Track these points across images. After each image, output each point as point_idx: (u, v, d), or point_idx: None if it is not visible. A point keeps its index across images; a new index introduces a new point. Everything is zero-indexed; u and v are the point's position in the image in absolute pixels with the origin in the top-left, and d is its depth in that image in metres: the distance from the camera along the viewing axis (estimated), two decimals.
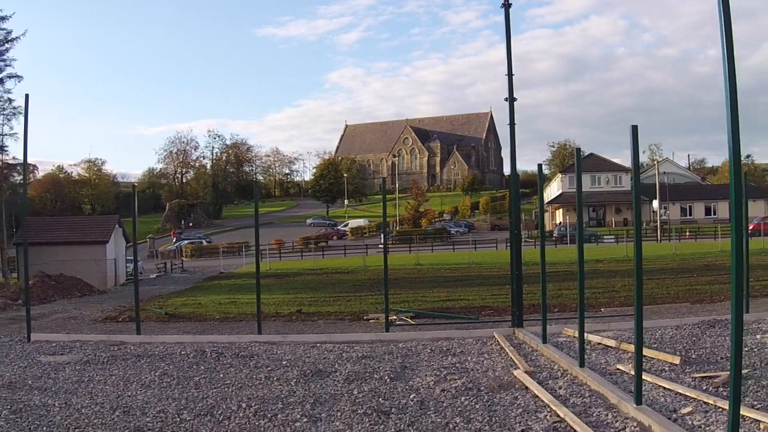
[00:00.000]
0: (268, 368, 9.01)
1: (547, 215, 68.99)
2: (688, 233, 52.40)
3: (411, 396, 7.13)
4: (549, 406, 6.49)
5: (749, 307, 13.37)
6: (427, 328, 12.74)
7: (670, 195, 63.65)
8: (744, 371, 7.83)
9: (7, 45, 40.76)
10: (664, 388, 7.20)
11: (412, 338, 11.11)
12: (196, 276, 40.13)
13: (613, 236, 50.88)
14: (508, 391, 7.24)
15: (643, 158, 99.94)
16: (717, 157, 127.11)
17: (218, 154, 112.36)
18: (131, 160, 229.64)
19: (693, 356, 8.88)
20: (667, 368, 8.18)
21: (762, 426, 5.74)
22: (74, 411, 7.24)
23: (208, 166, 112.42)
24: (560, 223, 62.91)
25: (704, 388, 7.18)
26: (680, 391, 6.94)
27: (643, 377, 7.60)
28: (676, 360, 8.38)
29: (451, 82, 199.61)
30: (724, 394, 6.80)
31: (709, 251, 37.56)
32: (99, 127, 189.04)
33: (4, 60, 40.88)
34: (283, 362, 9.38)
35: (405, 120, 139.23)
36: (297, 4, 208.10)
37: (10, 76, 41.21)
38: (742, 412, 6.09)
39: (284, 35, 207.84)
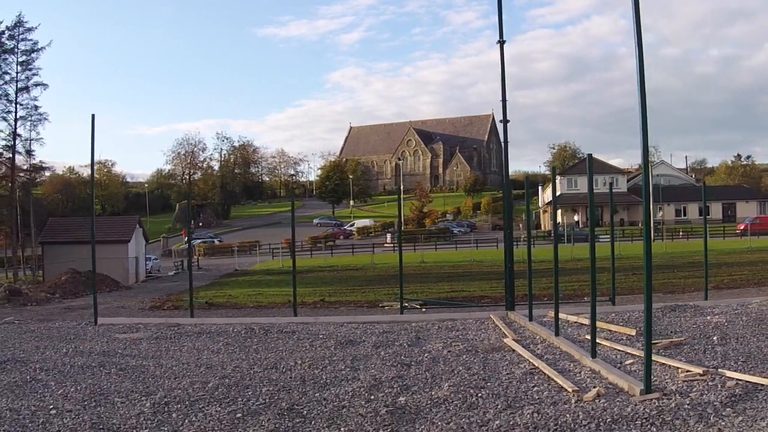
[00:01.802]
0: (309, 340, 11.27)
1: (546, 215, 71.25)
2: (681, 233, 54.51)
3: (425, 355, 9.39)
4: (528, 360, 8.74)
5: (708, 295, 15.66)
6: (435, 312, 15.02)
7: (665, 196, 65.71)
8: (682, 339, 10.08)
9: (33, 55, 43.39)
10: (618, 350, 9.42)
11: (422, 319, 13.37)
12: (212, 273, 42.41)
13: (608, 236, 53.01)
14: (498, 352, 9.49)
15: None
16: (718, 157, 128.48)
17: (226, 155, 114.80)
18: (132, 160, 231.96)
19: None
20: (624, 338, 10.40)
21: (681, 371, 7.95)
22: (167, 369, 9.48)
23: (216, 167, 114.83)
24: (558, 223, 65.09)
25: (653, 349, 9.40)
26: (628, 351, 9.16)
27: (603, 343, 9.86)
28: (632, 332, 10.61)
29: (452, 82, 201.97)
30: (662, 353, 9.03)
31: (698, 250, 39.56)
32: (99, 127, 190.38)
33: (30, 69, 43.45)
34: (320, 336, 11.63)
35: (408, 122, 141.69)
36: (298, 4, 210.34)
37: (36, 85, 43.83)
38: (669, 363, 8.35)
39: (285, 35, 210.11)
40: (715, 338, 10.05)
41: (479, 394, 7.05)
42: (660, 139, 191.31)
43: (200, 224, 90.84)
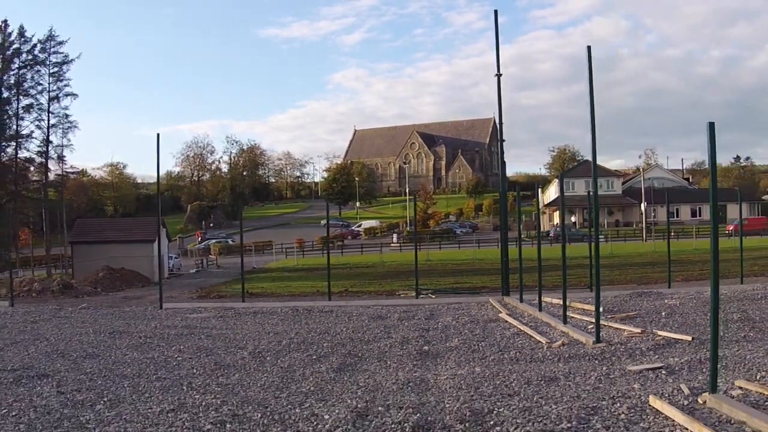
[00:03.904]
0: (346, 316, 14.28)
1: (545, 216, 74.23)
2: (673, 233, 57.35)
3: (439, 324, 12.41)
4: (516, 326, 11.74)
5: (672, 285, 18.64)
6: (444, 298, 18.03)
7: (658, 198, 68.53)
8: (635, 313, 13.06)
9: (64, 67, 46.50)
10: (585, 320, 12.40)
11: (434, 303, 16.39)
12: (231, 271, 45.20)
13: (603, 236, 56.01)
14: (495, 322, 12.50)
15: (639, 162, 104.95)
16: (720, 159, 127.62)
17: (235, 158, 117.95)
18: (134, 160, 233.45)
19: (615, 309, 14.07)
20: (593, 313, 13.35)
21: (626, 331, 10.92)
22: (244, 335, 12.47)
23: (225, 170, 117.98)
24: (556, 224, 68.05)
25: (608, 319, 12.38)
26: (593, 321, 12.13)
27: (575, 316, 12.84)
28: (600, 309, 13.58)
29: (454, 83, 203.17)
30: (618, 322, 12.00)
31: (685, 249, 42.55)
32: (101, 128, 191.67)
33: (61, 80, 46.56)
34: (354, 314, 14.64)
35: (412, 125, 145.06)
36: (299, 5, 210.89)
37: (67, 95, 46.95)
38: (619, 327, 11.32)
39: (287, 36, 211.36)
40: (663, 313, 13.04)
41: (480, 345, 10.06)
42: (662, 140, 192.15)
43: (211, 225, 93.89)
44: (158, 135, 18.23)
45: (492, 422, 5.89)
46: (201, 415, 6.60)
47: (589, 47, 10.16)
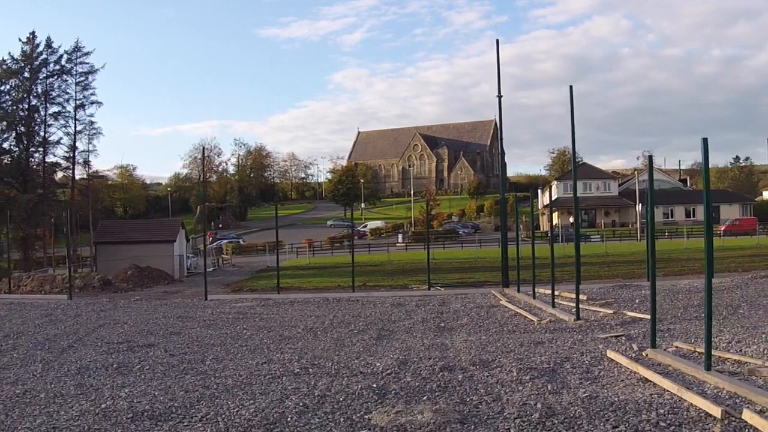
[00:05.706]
0: (371, 304, 16.97)
1: (543, 217, 76.91)
2: (667, 233, 60.03)
3: (450, 309, 15.12)
4: (514, 310, 14.43)
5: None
6: (452, 289, 20.74)
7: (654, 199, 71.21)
8: (612, 300, 15.74)
9: (89, 77, 49.29)
10: (571, 305, 15.07)
11: (444, 294, 19.10)
12: (246, 270, 47.89)
13: (599, 236, 58.72)
14: (496, 307, 15.21)
15: (637, 163, 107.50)
16: (721, 159, 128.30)
17: (243, 159, 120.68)
18: (133, 161, 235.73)
19: (597, 297, 16.76)
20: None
21: (601, 312, 13.59)
22: (291, 318, 15.14)
23: (232, 171, 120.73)
24: (555, 225, 70.81)
25: (590, 304, 15.06)
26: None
27: (563, 303, 15.50)
28: (584, 297, 16.25)
29: (454, 83, 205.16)
30: (597, 306, 14.68)
31: (676, 248, 45.26)
32: (108, 129, 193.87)
33: (87, 89, 49.34)
34: (377, 302, 17.33)
35: (414, 127, 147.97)
36: (299, 5, 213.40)
37: (92, 103, 49.74)
38: (597, 309, 13.98)
39: (287, 36, 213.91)
40: (636, 301, 15.71)
41: (484, 323, 12.77)
42: (662, 140, 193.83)
43: (220, 225, 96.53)
44: (203, 148, 21.44)
45: (495, 365, 8.58)
46: (287, 364, 9.29)
47: (571, 87, 12.80)
